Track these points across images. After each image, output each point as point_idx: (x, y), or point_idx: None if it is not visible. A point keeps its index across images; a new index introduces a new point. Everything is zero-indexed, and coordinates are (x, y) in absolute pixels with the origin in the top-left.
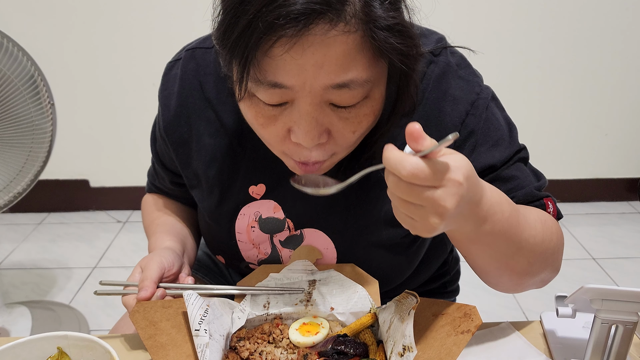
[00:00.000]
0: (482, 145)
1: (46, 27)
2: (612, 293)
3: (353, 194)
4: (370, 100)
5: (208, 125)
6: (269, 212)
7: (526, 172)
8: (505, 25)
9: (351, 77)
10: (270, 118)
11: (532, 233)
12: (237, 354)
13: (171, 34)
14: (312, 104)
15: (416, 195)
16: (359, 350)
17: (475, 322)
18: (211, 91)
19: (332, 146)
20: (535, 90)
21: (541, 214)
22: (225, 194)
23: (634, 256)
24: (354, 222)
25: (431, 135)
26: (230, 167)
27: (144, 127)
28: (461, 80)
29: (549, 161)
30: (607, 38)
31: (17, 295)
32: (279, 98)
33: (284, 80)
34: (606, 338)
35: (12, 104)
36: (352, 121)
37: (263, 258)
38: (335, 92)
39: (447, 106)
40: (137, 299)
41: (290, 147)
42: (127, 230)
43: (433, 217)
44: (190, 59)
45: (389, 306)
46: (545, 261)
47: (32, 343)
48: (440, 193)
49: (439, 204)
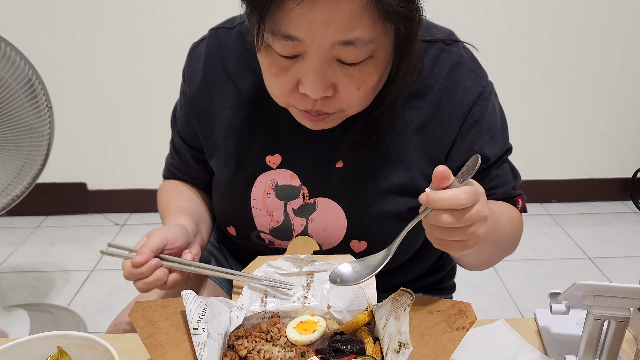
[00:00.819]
0: (484, 135)
1: (43, 30)
2: (604, 289)
3: (365, 167)
4: (374, 60)
5: (229, 98)
6: (286, 179)
7: (507, 170)
8: (502, 26)
9: (356, 35)
10: (283, 69)
11: (504, 231)
12: (235, 352)
13: (171, 37)
14: (320, 58)
15: (469, 216)
16: (355, 348)
17: (470, 318)
18: (232, 66)
19: (337, 102)
20: (531, 90)
21: (510, 212)
22: (243, 163)
23: (629, 255)
24: (365, 193)
25: (441, 117)
26: (248, 137)
27: (142, 130)
28: (472, 72)
29: (544, 161)
30: (603, 39)
31: (15, 298)
32: (291, 50)
33: (295, 32)
34: (599, 333)
35: (9, 107)
36: (357, 78)
37: (275, 226)
38: (342, 49)
39: (459, 93)
40: (131, 263)
41: (297, 98)
42: (124, 233)
43: (481, 227)
44: (213, 37)
45: (385, 304)
46: (509, 251)
47: (33, 342)
48: (479, 206)
49: (482, 215)
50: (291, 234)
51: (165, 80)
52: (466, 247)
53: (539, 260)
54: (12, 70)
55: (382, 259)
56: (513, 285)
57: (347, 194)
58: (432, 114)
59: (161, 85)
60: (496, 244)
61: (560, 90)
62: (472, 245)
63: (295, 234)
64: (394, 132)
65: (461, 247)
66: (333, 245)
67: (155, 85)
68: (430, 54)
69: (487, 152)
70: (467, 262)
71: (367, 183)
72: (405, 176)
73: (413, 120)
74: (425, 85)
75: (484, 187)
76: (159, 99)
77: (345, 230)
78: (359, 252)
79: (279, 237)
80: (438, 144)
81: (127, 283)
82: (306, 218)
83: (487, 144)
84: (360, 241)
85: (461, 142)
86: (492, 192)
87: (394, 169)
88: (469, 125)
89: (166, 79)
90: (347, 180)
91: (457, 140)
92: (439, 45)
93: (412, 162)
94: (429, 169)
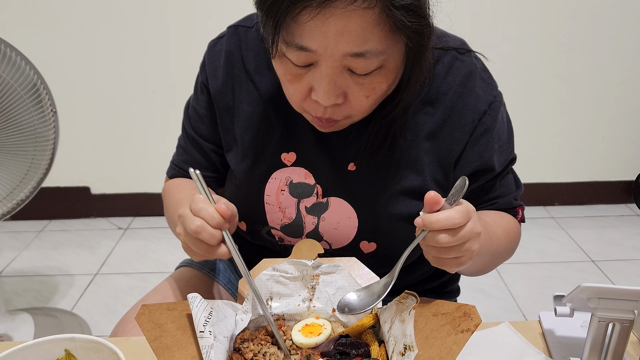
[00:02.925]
0: (495, 144)
1: (49, 36)
2: (609, 291)
3: (378, 170)
4: (384, 70)
5: (248, 95)
6: (300, 177)
7: (511, 180)
8: (503, 30)
9: (367, 47)
10: (297, 76)
11: (499, 243)
12: (241, 355)
13: (174, 43)
14: (332, 67)
15: (463, 234)
16: (360, 351)
17: (475, 321)
18: (251, 64)
19: (346, 108)
20: (533, 93)
21: (506, 223)
22: (258, 158)
23: (633, 258)
24: (378, 195)
25: (452, 124)
26: (264, 134)
27: (145, 135)
28: (483, 82)
29: (547, 164)
30: (605, 42)
31: (19, 302)
32: (304, 60)
33: (308, 44)
34: (603, 336)
35: (15, 112)
36: (367, 87)
37: (287, 223)
38: (353, 60)
39: (471, 102)
40: (218, 210)
41: (310, 104)
42: (128, 237)
43: (474, 244)
44: (233, 35)
45: (390, 307)
46: (504, 259)
47: (40, 345)
48: (472, 224)
49: (475, 232)
50: (302, 231)
51: (168, 85)
52: (461, 263)
53: (542, 263)
54: (18, 76)
55: (385, 285)
56: (517, 288)
57: (360, 195)
58: (444, 121)
59: (164, 90)
60: (490, 255)
61: (563, 93)
62: (466, 261)
63: (306, 232)
64: (407, 137)
65: (457, 264)
66: (343, 244)
67: (158, 90)
68: (444, 62)
69: (495, 161)
70: (462, 270)
71: (380, 185)
72: (417, 180)
73: (425, 125)
74: (438, 92)
75: (488, 196)
76: (162, 103)
77: (355, 230)
78: (367, 253)
79: (289, 234)
80: (448, 150)
81: (131, 287)
82: (318, 217)
83: (496, 153)
84: (370, 242)
85: (471, 149)
86: (494, 202)
87: (407, 172)
88: (479, 133)
89: (169, 84)
90: (360, 182)
91: (467, 147)
92: (452, 53)
93: (424, 166)
94: (438, 174)
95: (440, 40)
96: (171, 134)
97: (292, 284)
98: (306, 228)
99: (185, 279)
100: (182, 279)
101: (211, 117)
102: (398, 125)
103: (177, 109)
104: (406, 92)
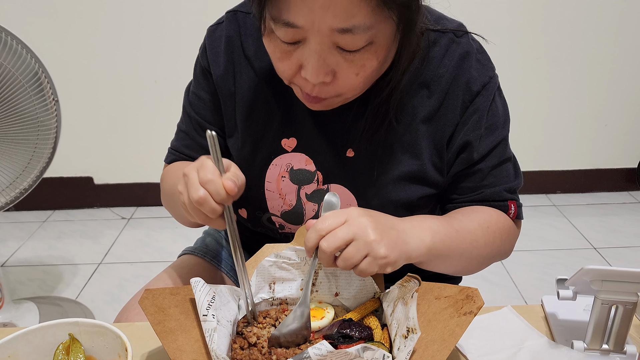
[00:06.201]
0: (482, 125)
1: (50, 24)
2: (612, 274)
3: (376, 155)
4: (374, 47)
5: (248, 80)
6: (301, 164)
7: (506, 171)
8: (506, 18)
9: (354, 22)
10: (286, 53)
11: (474, 238)
12: (244, 339)
13: (176, 31)
14: (321, 44)
15: (344, 230)
16: (364, 334)
17: (478, 303)
18: (250, 49)
19: (335, 87)
20: (535, 80)
21: (484, 218)
22: (259, 144)
23: (635, 245)
24: (377, 180)
25: (447, 106)
26: (264, 119)
27: (148, 124)
28: (478, 63)
29: (549, 152)
30: (606, 30)
31: (24, 291)
32: (292, 36)
33: (294, 19)
34: (606, 319)
35: (16, 101)
36: (356, 64)
37: (287, 209)
38: (341, 36)
39: (465, 83)
40: (225, 185)
41: (299, 80)
42: (131, 226)
43: (370, 233)
44: (232, 21)
45: (392, 290)
46: (492, 258)
47: (45, 330)
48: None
49: (359, 219)
50: (302, 218)
51: (170, 74)
52: (384, 260)
53: (544, 250)
54: (19, 64)
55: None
56: (519, 275)
57: (360, 182)
58: (440, 103)
59: (166, 79)
60: (460, 254)
61: (565, 80)
62: (385, 253)
63: (306, 219)
64: (404, 121)
65: (377, 265)
66: None
67: (160, 80)
68: (441, 44)
69: (477, 142)
70: (441, 270)
71: (379, 171)
72: (415, 164)
73: (422, 109)
74: (434, 75)
75: (474, 184)
76: (164, 93)
77: None
78: None
79: (289, 220)
80: (442, 132)
81: (135, 275)
82: (318, 203)
83: (483, 136)
84: None
85: (460, 130)
86: (479, 192)
87: (405, 157)
88: (469, 113)
89: (171, 73)
90: (359, 168)
91: (457, 128)
92: (450, 35)
93: (422, 150)
94: (435, 158)
95: (438, 22)
96: (174, 123)
97: (295, 270)
98: (306, 215)
99: (188, 267)
100: (184, 267)
101: (216, 101)
102: (393, 108)
103: (179, 98)
104: (396, 69)
